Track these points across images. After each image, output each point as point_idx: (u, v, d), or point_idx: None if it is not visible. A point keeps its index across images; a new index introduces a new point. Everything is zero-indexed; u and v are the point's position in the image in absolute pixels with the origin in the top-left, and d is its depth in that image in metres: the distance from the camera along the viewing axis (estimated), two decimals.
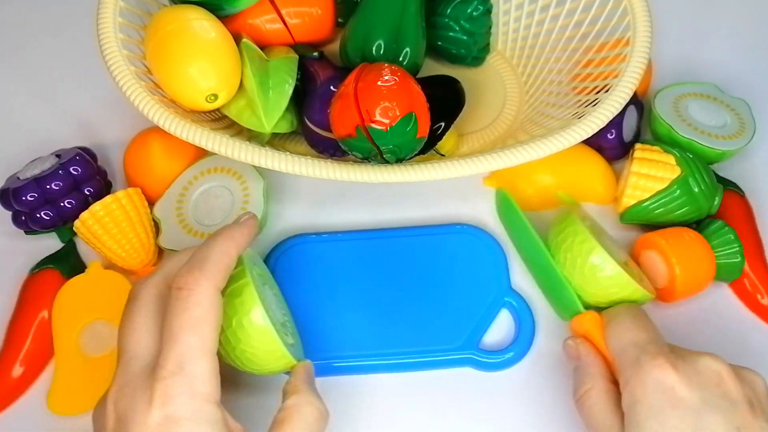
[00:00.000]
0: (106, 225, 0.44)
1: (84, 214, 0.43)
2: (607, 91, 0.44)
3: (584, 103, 0.45)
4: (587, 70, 0.48)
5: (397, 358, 0.42)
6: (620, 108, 0.42)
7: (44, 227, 0.45)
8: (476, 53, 0.51)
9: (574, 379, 0.38)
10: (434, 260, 0.45)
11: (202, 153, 0.48)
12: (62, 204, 0.44)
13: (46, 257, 0.46)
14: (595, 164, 0.48)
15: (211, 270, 0.32)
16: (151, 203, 0.47)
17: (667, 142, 0.47)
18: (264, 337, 0.35)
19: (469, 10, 0.49)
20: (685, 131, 0.47)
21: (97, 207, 0.43)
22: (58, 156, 0.46)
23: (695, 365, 0.33)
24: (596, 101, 0.43)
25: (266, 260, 0.46)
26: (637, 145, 0.46)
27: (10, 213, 0.45)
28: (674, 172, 0.45)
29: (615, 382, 0.36)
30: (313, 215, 0.48)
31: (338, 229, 0.47)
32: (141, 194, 0.45)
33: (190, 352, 0.30)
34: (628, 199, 0.45)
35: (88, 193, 0.45)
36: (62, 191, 0.44)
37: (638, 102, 0.50)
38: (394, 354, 0.42)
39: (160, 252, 0.46)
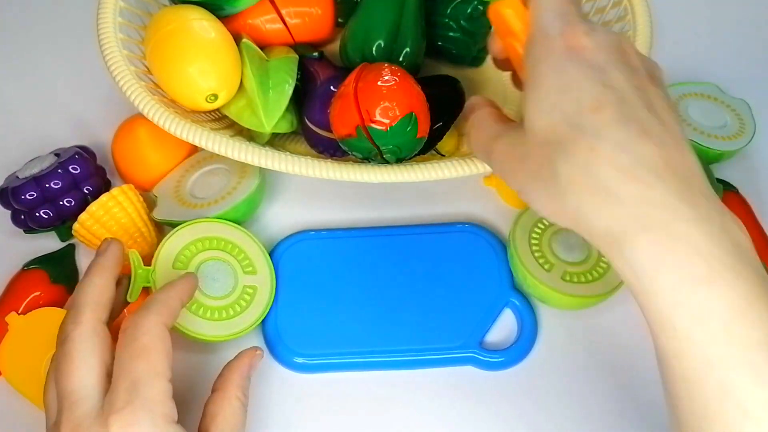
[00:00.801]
0: (107, 224, 0.43)
1: (82, 216, 0.43)
2: None
3: None
4: None
5: (398, 356, 0.42)
6: None
7: (43, 226, 0.45)
8: (476, 53, 0.51)
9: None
10: (437, 259, 0.45)
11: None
12: (62, 203, 0.44)
13: (39, 257, 0.46)
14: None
15: (157, 308, 0.33)
16: (141, 191, 0.46)
17: None
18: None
19: (468, 10, 0.49)
20: (686, 132, 0.47)
21: (94, 207, 0.43)
22: (57, 155, 0.46)
23: (607, 35, 0.30)
24: None
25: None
26: None
27: (9, 212, 0.45)
28: None
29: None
30: (313, 215, 0.48)
31: (339, 226, 0.47)
32: (135, 189, 0.45)
33: (143, 377, 0.30)
34: None
35: (87, 191, 0.45)
36: (62, 190, 0.44)
37: None
38: (396, 352, 0.42)
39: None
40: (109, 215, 0.44)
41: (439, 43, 0.50)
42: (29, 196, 0.43)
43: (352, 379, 0.42)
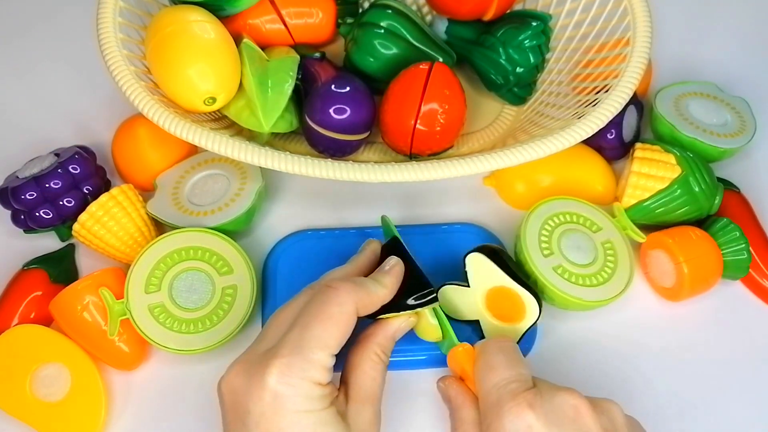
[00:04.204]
0: (107, 224, 0.43)
1: (82, 217, 0.43)
2: (607, 91, 0.44)
3: (584, 103, 0.45)
4: (587, 71, 0.48)
5: (399, 356, 0.42)
6: (620, 108, 0.42)
7: (43, 226, 0.45)
8: (515, 88, 0.49)
9: (450, 422, 0.37)
10: (437, 258, 0.45)
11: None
12: (61, 203, 0.44)
13: (39, 257, 0.45)
14: (594, 164, 0.48)
15: (362, 290, 0.35)
16: (141, 190, 0.47)
17: (669, 142, 0.47)
18: None
19: (520, 38, 0.47)
20: (688, 130, 0.47)
21: (94, 208, 0.43)
22: (56, 155, 0.46)
23: (553, 402, 0.32)
24: (596, 101, 0.43)
25: (268, 257, 0.46)
26: (638, 145, 0.46)
27: (9, 212, 0.45)
28: (675, 171, 0.45)
29: None
30: (313, 214, 0.48)
31: (339, 226, 0.47)
32: (134, 189, 0.45)
33: (312, 341, 0.32)
34: (629, 199, 0.45)
35: (87, 191, 0.45)
36: (62, 190, 0.44)
37: (638, 102, 0.50)
38: (397, 352, 0.42)
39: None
40: (109, 215, 0.44)
41: (481, 63, 0.49)
42: (29, 196, 0.43)
43: None
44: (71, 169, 0.44)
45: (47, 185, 0.44)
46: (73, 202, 0.44)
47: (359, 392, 0.35)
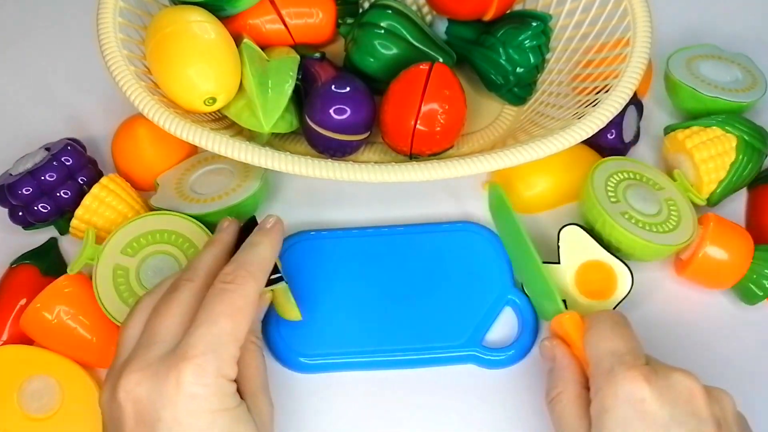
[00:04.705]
0: (104, 214, 0.44)
1: (78, 211, 0.43)
2: (607, 91, 0.44)
3: (584, 103, 0.45)
4: (587, 71, 0.48)
5: (400, 355, 0.42)
6: (620, 108, 0.42)
7: (42, 220, 0.45)
8: (515, 88, 0.49)
9: (548, 381, 0.37)
10: (437, 258, 0.45)
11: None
12: (59, 194, 0.44)
13: (25, 253, 0.45)
14: (592, 164, 0.48)
15: (256, 273, 0.34)
16: (141, 190, 0.47)
17: (691, 106, 0.49)
18: None
19: (520, 38, 0.47)
20: (708, 90, 0.48)
21: (88, 201, 0.43)
22: (47, 149, 0.46)
23: (668, 380, 0.33)
24: (596, 101, 0.44)
25: None
26: (678, 135, 0.47)
27: (7, 210, 0.45)
28: (729, 140, 0.46)
29: (587, 388, 0.35)
30: (313, 215, 0.48)
31: (340, 226, 0.47)
32: (120, 177, 0.46)
33: (224, 336, 0.32)
34: (710, 186, 0.46)
35: (82, 181, 0.45)
36: (57, 182, 0.44)
37: (638, 102, 0.50)
38: (397, 351, 0.42)
39: None
40: (105, 205, 0.44)
41: (481, 63, 0.49)
42: (26, 190, 0.43)
43: (355, 378, 0.42)
44: (64, 161, 0.44)
45: (43, 178, 0.44)
46: (70, 193, 0.44)
47: (251, 385, 0.35)
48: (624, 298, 0.42)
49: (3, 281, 0.44)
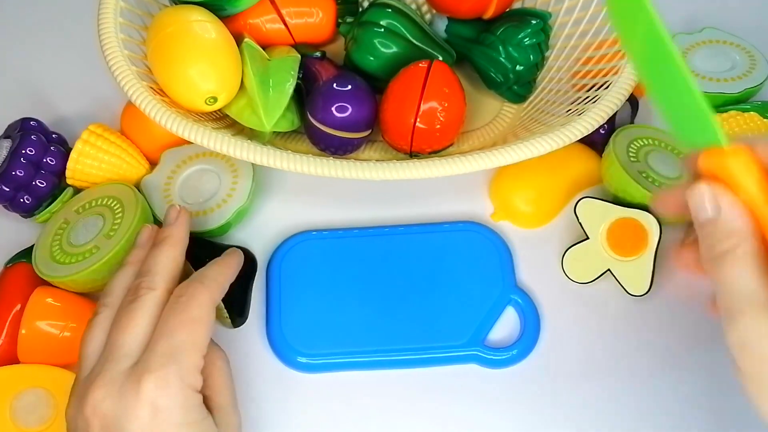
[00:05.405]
0: (96, 155, 0.45)
1: (67, 173, 0.45)
2: (606, 87, 0.44)
3: (584, 100, 0.45)
4: (587, 68, 0.48)
5: (402, 355, 0.42)
6: (620, 104, 0.43)
7: (30, 210, 0.45)
8: (515, 86, 0.49)
9: (705, 237, 0.29)
10: (440, 257, 0.45)
11: None
12: (34, 184, 0.45)
13: (18, 253, 0.45)
14: (587, 159, 0.48)
15: (211, 285, 0.35)
16: (149, 159, 0.48)
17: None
18: None
19: (519, 36, 0.47)
20: (707, 87, 0.49)
21: (75, 155, 0.44)
22: (8, 137, 0.46)
23: None
24: (596, 98, 0.44)
25: (270, 257, 0.46)
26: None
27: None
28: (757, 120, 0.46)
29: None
30: (314, 214, 0.48)
31: (341, 226, 0.47)
32: (102, 126, 0.47)
33: (183, 346, 0.32)
34: None
35: (51, 162, 0.45)
36: (28, 176, 0.44)
37: (632, 97, 0.50)
38: (399, 350, 0.42)
39: None
40: (95, 149, 0.45)
41: (481, 61, 0.49)
42: (5, 189, 0.44)
43: (356, 378, 0.42)
44: (28, 152, 0.44)
45: (13, 174, 0.44)
46: (46, 183, 0.45)
47: (219, 399, 0.35)
48: (659, 241, 0.42)
49: (0, 280, 0.44)
